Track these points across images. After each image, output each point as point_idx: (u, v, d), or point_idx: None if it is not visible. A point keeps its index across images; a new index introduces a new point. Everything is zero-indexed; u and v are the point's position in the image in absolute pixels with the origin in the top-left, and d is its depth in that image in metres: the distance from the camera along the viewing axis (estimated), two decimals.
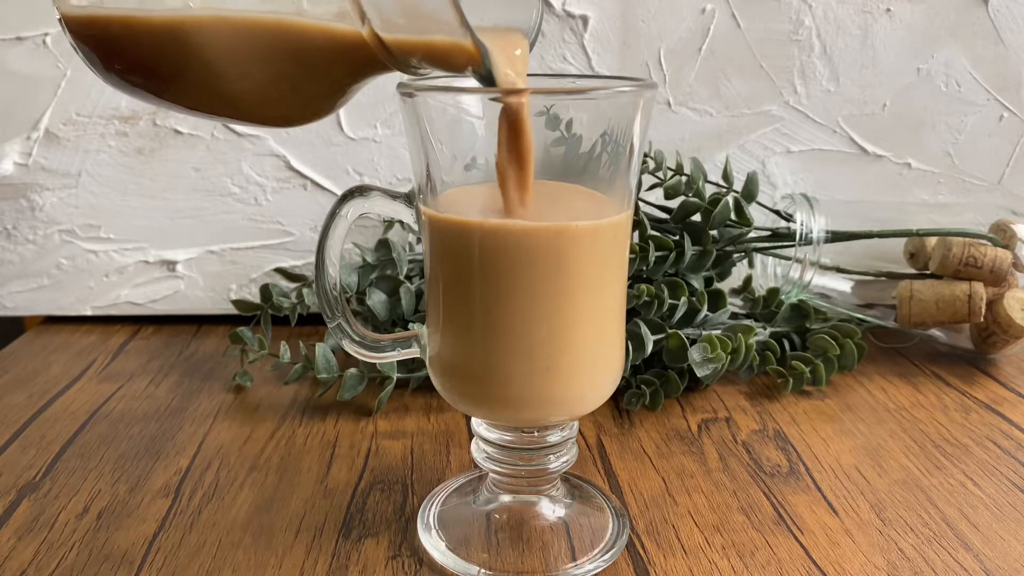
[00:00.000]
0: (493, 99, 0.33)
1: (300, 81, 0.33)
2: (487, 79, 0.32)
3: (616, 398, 0.52)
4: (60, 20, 0.33)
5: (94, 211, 0.66)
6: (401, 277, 0.57)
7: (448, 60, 0.32)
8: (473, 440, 0.40)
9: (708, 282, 0.58)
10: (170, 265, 0.67)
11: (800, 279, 0.58)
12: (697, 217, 0.57)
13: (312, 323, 0.65)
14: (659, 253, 0.55)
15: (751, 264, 0.62)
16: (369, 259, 0.59)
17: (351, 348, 0.39)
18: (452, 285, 0.36)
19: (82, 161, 0.65)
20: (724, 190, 0.58)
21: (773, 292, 0.59)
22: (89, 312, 0.68)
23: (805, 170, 0.68)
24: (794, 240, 0.58)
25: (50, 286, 0.67)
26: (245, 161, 0.65)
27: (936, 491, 0.44)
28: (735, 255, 0.59)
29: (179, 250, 0.67)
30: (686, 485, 0.44)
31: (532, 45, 0.35)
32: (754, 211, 0.58)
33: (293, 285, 0.63)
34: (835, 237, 0.58)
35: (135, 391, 0.55)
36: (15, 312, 0.68)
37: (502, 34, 0.34)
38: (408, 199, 0.37)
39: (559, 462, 0.39)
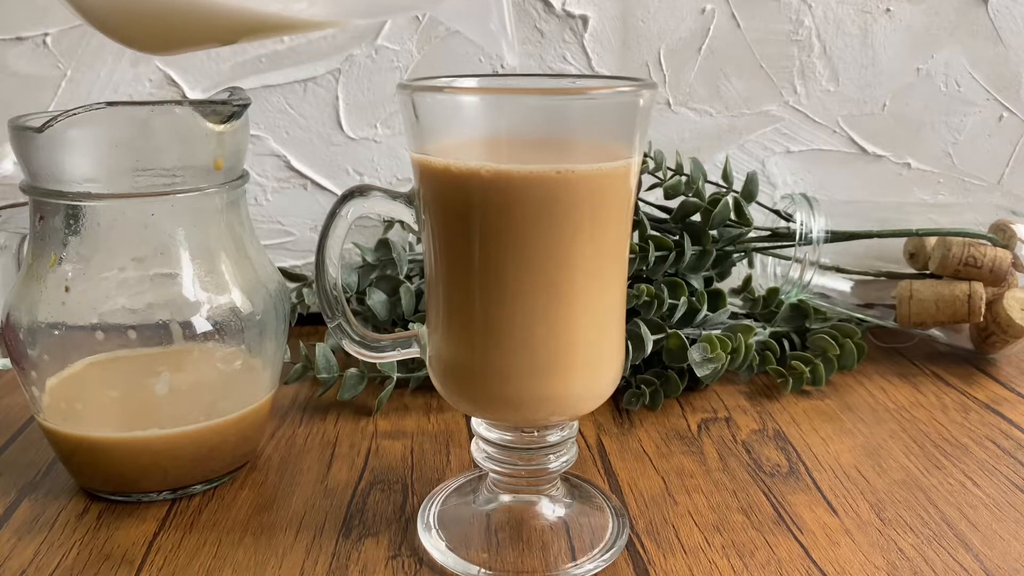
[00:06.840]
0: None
1: None
2: None
3: (616, 398, 0.52)
4: None
5: None
6: (401, 277, 0.57)
7: None
8: (473, 440, 0.40)
9: (708, 282, 0.58)
10: None
11: (800, 279, 0.58)
12: (697, 217, 0.57)
13: (312, 323, 0.65)
14: (659, 253, 0.55)
15: (751, 264, 0.62)
16: (369, 259, 0.59)
17: (351, 348, 0.39)
18: (450, 250, 0.35)
19: None
20: (724, 190, 0.58)
21: (773, 292, 0.59)
22: None
23: (805, 170, 0.68)
24: (794, 240, 0.58)
25: None
26: (245, 161, 0.65)
27: (936, 491, 0.44)
28: (735, 255, 0.59)
29: None
30: (686, 485, 0.44)
31: None
32: (754, 211, 0.58)
33: (293, 285, 0.63)
34: (835, 237, 0.58)
35: None
36: None
37: None
38: (408, 199, 0.37)
39: (559, 462, 0.39)
